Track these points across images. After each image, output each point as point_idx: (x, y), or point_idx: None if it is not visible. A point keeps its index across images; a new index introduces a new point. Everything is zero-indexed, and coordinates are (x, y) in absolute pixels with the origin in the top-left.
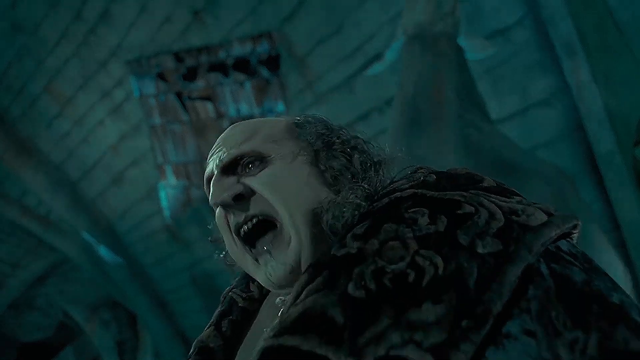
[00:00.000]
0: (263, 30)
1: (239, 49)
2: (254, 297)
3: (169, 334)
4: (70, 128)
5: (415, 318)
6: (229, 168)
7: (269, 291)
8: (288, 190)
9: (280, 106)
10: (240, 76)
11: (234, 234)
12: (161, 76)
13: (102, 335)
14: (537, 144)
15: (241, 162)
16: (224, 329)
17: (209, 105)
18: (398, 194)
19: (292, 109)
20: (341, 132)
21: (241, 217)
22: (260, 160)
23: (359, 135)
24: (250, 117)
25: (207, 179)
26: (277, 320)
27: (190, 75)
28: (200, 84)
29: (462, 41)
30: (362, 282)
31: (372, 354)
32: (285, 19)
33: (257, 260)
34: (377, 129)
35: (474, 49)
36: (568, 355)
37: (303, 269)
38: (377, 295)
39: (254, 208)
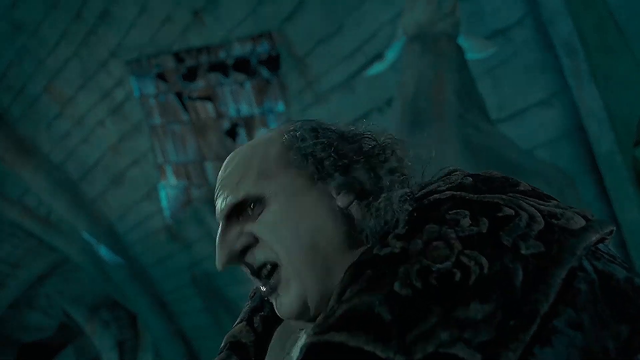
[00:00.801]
0: (263, 30)
1: (239, 49)
2: None
3: (169, 334)
4: (70, 128)
5: (464, 316)
6: (231, 215)
7: None
8: (287, 231)
9: (280, 106)
10: (240, 76)
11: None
12: (161, 76)
13: (102, 335)
14: (537, 144)
15: (240, 207)
16: (256, 324)
17: (209, 105)
18: (436, 195)
19: (292, 109)
20: (334, 140)
21: (252, 270)
22: (257, 202)
23: (355, 130)
24: (250, 117)
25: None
26: (319, 320)
27: (191, 75)
28: (200, 84)
29: (463, 41)
30: (408, 281)
31: (422, 352)
32: (285, 19)
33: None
34: None
35: (474, 49)
36: (614, 344)
37: (311, 304)
38: (424, 293)
39: (259, 256)
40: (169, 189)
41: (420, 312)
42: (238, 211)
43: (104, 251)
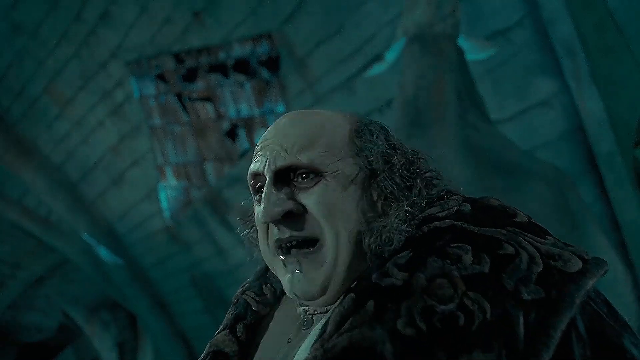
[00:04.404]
0: (263, 31)
1: (238, 50)
2: (267, 300)
3: (169, 335)
4: (70, 129)
5: None
6: (282, 174)
7: (282, 295)
8: (339, 214)
9: (280, 107)
10: (240, 77)
11: (270, 243)
12: (161, 77)
13: (102, 336)
14: (537, 144)
15: (296, 171)
16: (239, 333)
17: (209, 106)
18: (437, 223)
19: (292, 110)
20: (404, 149)
21: (285, 234)
22: (315, 173)
23: (418, 153)
24: (250, 118)
25: (253, 174)
26: (316, 348)
27: (190, 76)
28: (200, 84)
29: (462, 42)
30: (412, 320)
31: None
32: (285, 20)
33: (285, 265)
34: None
35: (474, 50)
36: None
37: (332, 290)
38: (428, 335)
39: (303, 229)
40: (168, 189)
41: (424, 355)
42: (289, 172)
43: (103, 252)
